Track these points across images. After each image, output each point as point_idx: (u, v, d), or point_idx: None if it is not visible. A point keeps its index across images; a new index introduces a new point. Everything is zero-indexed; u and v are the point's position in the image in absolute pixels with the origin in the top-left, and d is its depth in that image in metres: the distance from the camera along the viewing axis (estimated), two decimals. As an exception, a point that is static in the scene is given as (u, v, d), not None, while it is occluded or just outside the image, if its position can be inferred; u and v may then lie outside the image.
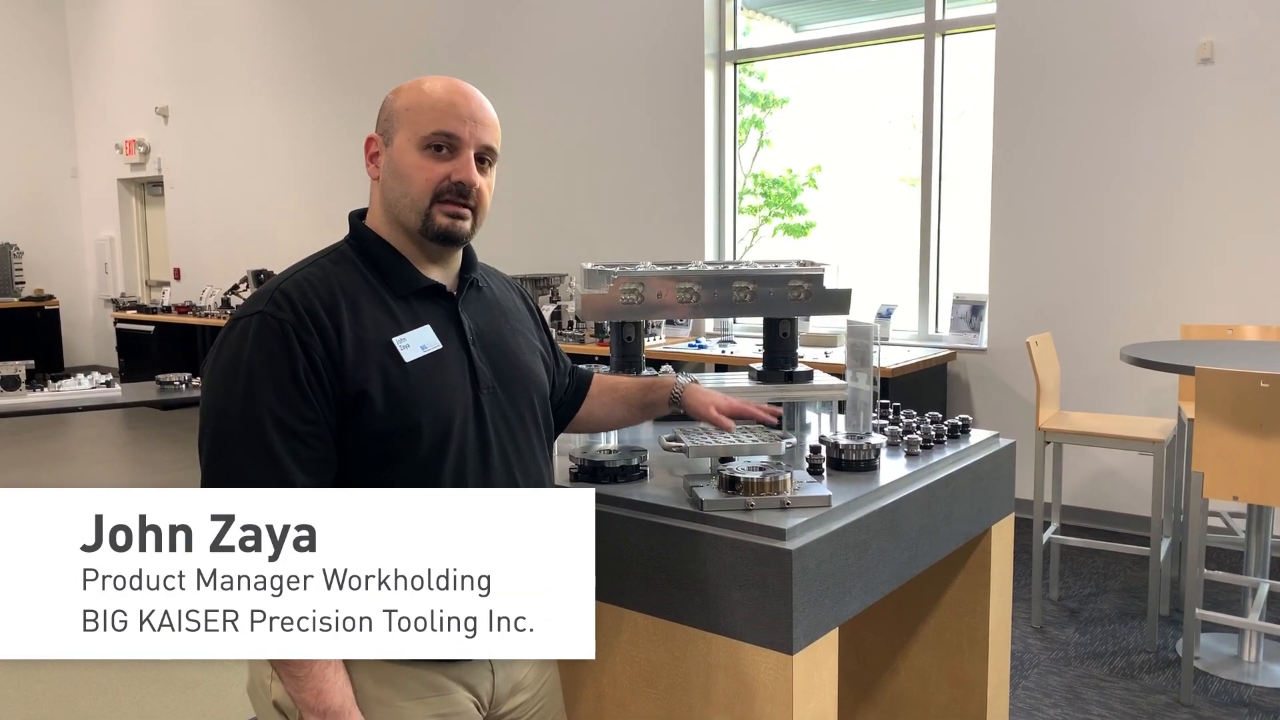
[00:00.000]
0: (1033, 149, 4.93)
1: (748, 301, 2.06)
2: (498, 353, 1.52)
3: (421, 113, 1.43)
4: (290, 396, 1.32)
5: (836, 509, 1.70)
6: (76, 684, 3.36)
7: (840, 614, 1.67)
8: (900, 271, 5.66)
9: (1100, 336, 4.74)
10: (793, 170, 6.65)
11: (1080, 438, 3.65)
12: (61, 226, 10.87)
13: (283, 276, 1.42)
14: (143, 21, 9.91)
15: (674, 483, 1.85)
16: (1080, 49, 4.77)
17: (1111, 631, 3.64)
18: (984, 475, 2.17)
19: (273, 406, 1.31)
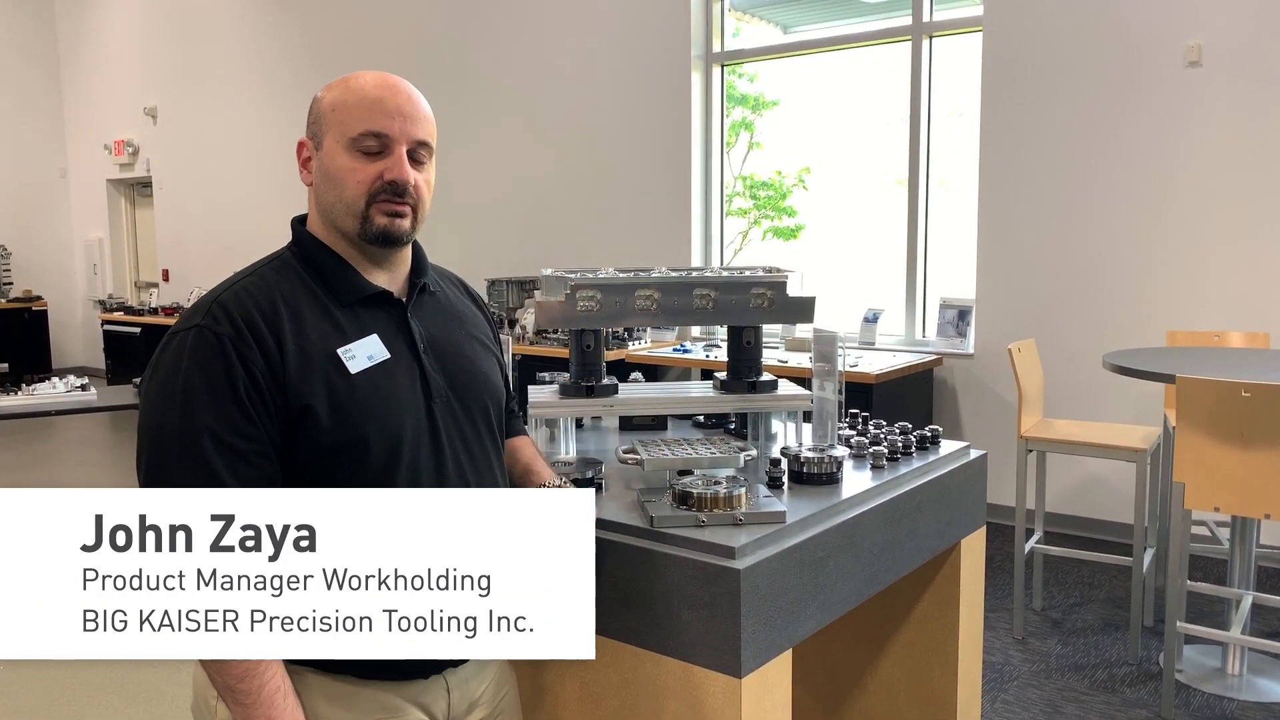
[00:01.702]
0: (1019, 152, 4.89)
1: (709, 310, 2.00)
2: (451, 360, 1.47)
3: (348, 111, 1.37)
4: (229, 413, 1.27)
5: (792, 525, 1.64)
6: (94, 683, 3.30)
7: (794, 635, 1.62)
8: (889, 275, 5.61)
9: (1087, 342, 4.69)
10: (781, 172, 6.60)
11: (1062, 446, 3.60)
12: (50, 227, 10.82)
13: (222, 287, 1.36)
14: (132, 21, 9.86)
15: (629, 497, 1.79)
16: (1068, 52, 4.72)
17: (1094, 643, 3.59)
18: (953, 487, 2.11)
19: (211, 424, 1.26)
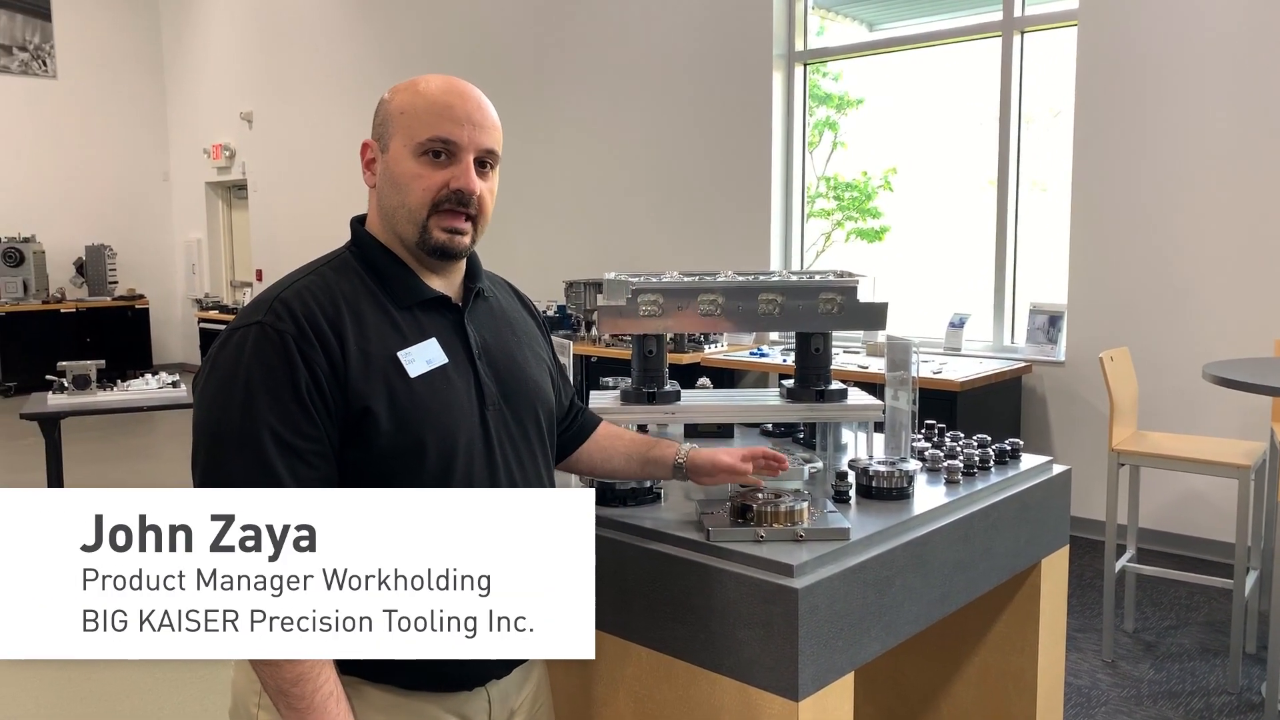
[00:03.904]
0: (1115, 151, 4.67)
1: (775, 315, 1.94)
2: (504, 367, 1.45)
3: (417, 116, 1.35)
4: (290, 412, 1.25)
5: (856, 542, 1.57)
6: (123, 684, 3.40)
7: (856, 657, 1.54)
8: (977, 278, 5.43)
9: (1185, 351, 4.45)
10: (867, 173, 6.47)
11: (1157, 460, 3.41)
12: (153, 228, 11.24)
13: (282, 285, 1.35)
14: (231, 29, 10.18)
15: (687, 508, 1.75)
16: (1167, 47, 4.49)
17: (1190, 669, 3.39)
18: (1034, 505, 2.01)
19: (271, 422, 1.24)
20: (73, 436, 6.80)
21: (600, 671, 1.69)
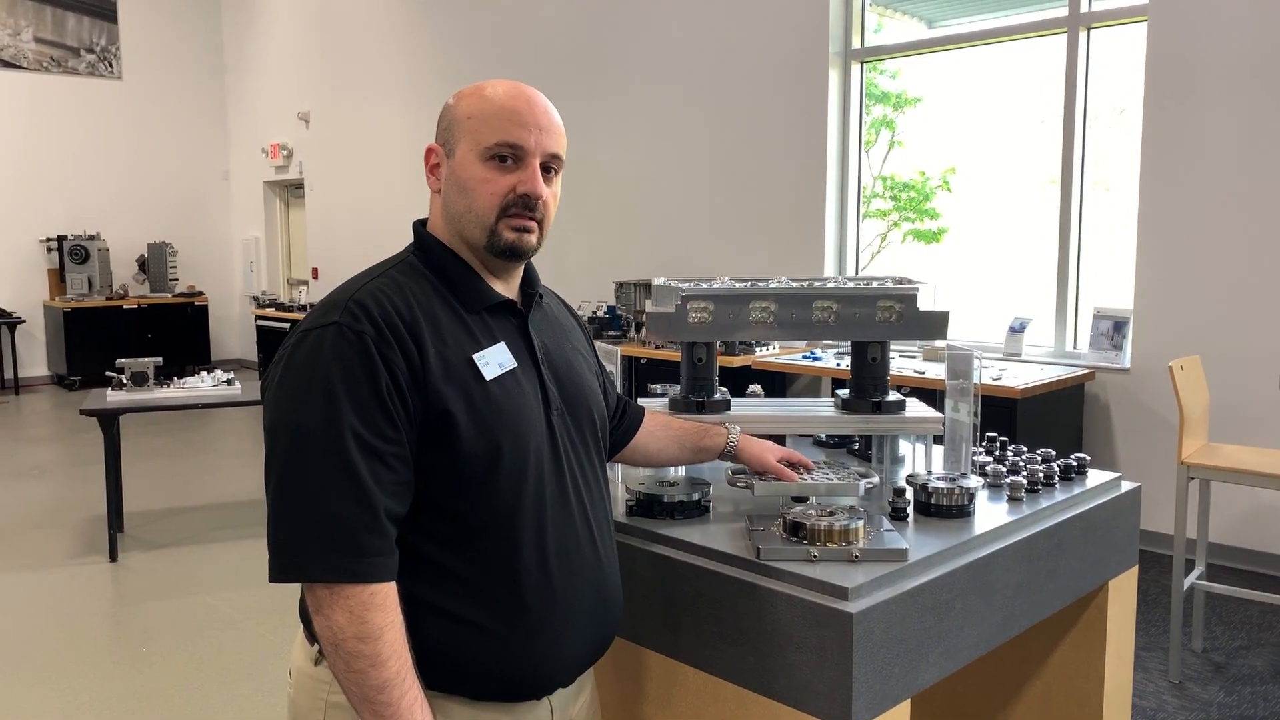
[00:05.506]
0: (1186, 152, 4.50)
1: (830, 323, 1.87)
2: (563, 372, 1.45)
3: (484, 121, 1.34)
4: (371, 413, 1.22)
5: (915, 564, 1.50)
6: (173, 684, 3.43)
7: (914, 684, 1.47)
8: (1039, 281, 5.28)
9: (1261, 360, 4.28)
10: (925, 173, 6.33)
11: (1229, 474, 3.27)
12: (213, 226, 11.43)
13: (353, 287, 1.32)
14: (291, 29, 10.31)
15: (737, 523, 1.69)
16: (1240, 43, 4.32)
17: (1263, 692, 3.25)
18: (1101, 524, 1.91)
19: (354, 423, 1.21)
20: (131, 430, 6.92)
21: (648, 691, 1.64)
